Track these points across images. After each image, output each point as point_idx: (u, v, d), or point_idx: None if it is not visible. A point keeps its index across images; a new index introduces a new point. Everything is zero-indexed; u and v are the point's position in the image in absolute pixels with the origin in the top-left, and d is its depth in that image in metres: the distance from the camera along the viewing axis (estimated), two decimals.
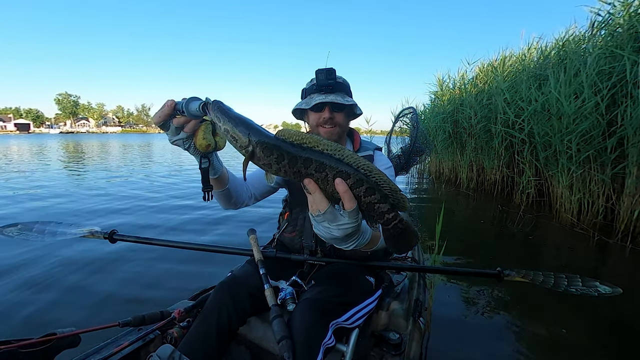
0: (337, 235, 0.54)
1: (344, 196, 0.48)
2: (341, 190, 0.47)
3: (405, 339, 1.09)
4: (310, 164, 0.48)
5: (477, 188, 5.91)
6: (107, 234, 1.21)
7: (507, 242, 3.39)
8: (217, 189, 0.98)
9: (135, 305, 1.92)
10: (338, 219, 0.52)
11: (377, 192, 0.48)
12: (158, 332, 1.06)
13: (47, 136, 50.01)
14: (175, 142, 0.75)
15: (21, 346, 0.77)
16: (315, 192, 0.50)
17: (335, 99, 1.03)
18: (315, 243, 1.16)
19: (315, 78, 1.06)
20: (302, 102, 1.11)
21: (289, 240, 1.23)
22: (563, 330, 1.77)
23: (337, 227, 0.53)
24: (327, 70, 1.02)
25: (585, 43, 3.98)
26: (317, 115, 1.08)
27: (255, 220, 3.71)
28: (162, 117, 0.69)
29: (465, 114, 5.75)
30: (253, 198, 1.17)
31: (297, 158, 0.48)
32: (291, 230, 1.22)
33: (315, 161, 0.47)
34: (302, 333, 0.82)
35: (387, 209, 0.50)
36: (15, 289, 2.08)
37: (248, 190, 1.13)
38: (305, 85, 1.14)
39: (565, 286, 0.96)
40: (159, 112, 0.69)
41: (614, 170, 3.28)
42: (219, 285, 1.00)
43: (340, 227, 0.53)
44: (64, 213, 4.00)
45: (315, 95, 1.06)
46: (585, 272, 2.57)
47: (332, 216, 0.52)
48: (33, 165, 9.23)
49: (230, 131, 0.52)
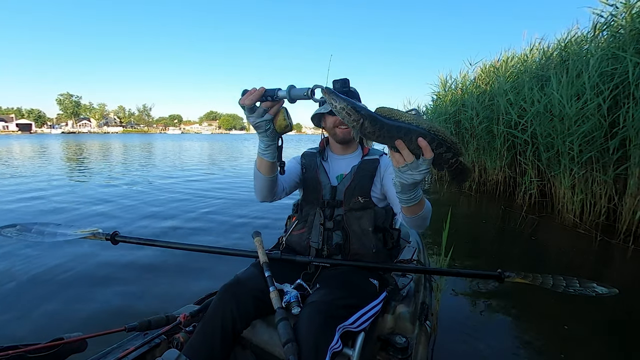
0: (418, 178, 0.72)
1: (425, 149, 0.65)
2: (423, 145, 0.65)
3: (411, 343, 1.08)
4: (400, 130, 0.66)
5: (480, 188, 5.91)
6: (109, 235, 1.21)
7: (510, 243, 3.38)
8: (268, 175, 1.04)
9: (140, 308, 1.93)
10: (419, 167, 0.69)
11: (444, 145, 0.68)
12: (164, 337, 1.06)
13: (48, 136, 50.13)
14: (259, 123, 0.89)
15: (29, 351, 0.77)
16: (404, 149, 0.67)
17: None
18: (322, 241, 1.18)
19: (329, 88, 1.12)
20: (321, 107, 1.19)
21: (296, 239, 1.24)
22: (567, 330, 1.77)
23: (418, 172, 0.70)
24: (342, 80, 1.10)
25: (588, 44, 3.97)
26: (334, 118, 1.18)
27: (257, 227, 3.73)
28: (254, 99, 0.84)
29: (468, 114, 5.75)
30: (284, 192, 1.21)
31: (391, 127, 0.66)
32: (301, 227, 1.24)
33: (403, 128, 0.66)
34: (309, 337, 0.82)
35: (451, 156, 0.70)
36: (19, 293, 2.09)
37: (281, 183, 1.18)
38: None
39: (564, 287, 0.99)
40: (251, 96, 0.84)
41: (617, 171, 3.27)
42: (223, 288, 1.00)
43: (420, 171, 0.70)
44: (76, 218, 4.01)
45: None
46: (587, 272, 2.60)
47: (415, 164, 0.69)
48: (40, 165, 9.25)
49: (346, 108, 0.67)
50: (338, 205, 1.19)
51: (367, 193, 1.18)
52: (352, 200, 1.17)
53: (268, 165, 1.01)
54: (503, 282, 1.04)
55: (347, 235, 1.17)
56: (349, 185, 1.18)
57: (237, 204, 4.65)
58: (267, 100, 0.86)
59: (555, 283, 1.00)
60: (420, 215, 0.87)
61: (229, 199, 5.00)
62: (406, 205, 0.82)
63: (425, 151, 0.66)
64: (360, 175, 1.18)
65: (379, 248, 1.17)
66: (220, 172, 8.49)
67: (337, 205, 1.19)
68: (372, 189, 1.18)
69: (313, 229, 1.20)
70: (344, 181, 1.20)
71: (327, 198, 1.20)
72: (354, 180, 1.18)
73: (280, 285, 1.03)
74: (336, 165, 1.27)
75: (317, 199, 1.21)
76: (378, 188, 1.19)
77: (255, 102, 0.85)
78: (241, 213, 4.12)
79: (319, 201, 1.20)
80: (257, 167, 1.04)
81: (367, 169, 1.19)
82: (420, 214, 0.87)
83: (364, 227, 1.17)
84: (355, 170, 1.20)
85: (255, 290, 0.99)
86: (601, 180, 3.44)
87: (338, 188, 1.19)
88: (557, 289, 0.99)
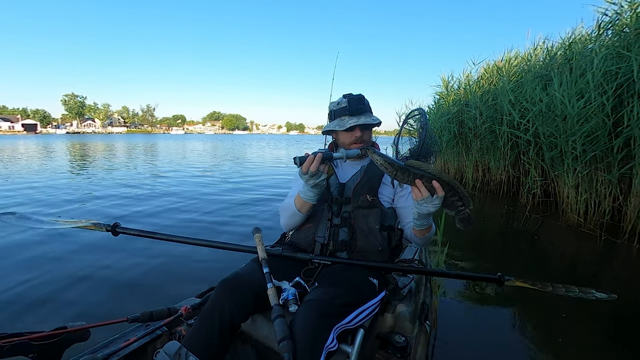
0: (432, 210, 0.94)
1: (438, 189, 0.89)
2: (436, 186, 0.89)
3: (410, 342, 1.09)
4: (423, 176, 0.90)
5: (483, 188, 5.89)
6: (109, 226, 1.22)
7: (513, 242, 3.37)
8: (304, 212, 1.16)
9: (142, 299, 1.95)
10: (433, 201, 0.91)
11: (457, 195, 0.92)
12: (165, 329, 1.08)
13: (54, 136, 50.55)
14: (319, 182, 1.06)
15: (33, 339, 0.78)
16: (422, 187, 0.90)
17: (365, 120, 1.20)
18: (328, 237, 1.19)
19: (342, 101, 1.24)
20: (335, 123, 1.24)
21: (302, 234, 1.24)
22: (567, 331, 1.76)
23: (432, 205, 0.92)
24: (358, 98, 1.22)
25: (592, 43, 3.95)
26: (349, 135, 1.23)
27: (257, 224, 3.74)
28: (317, 165, 1.00)
29: (471, 114, 5.73)
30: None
31: (415, 174, 0.90)
32: (307, 222, 1.25)
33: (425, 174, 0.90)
34: (304, 335, 0.82)
35: (460, 204, 0.93)
36: (21, 283, 2.12)
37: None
38: (332, 107, 1.28)
39: (564, 292, 1.02)
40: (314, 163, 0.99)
41: (621, 170, 3.25)
42: (221, 282, 1.00)
43: (434, 205, 0.92)
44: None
45: (347, 118, 1.22)
46: (591, 271, 2.58)
47: (430, 199, 0.91)
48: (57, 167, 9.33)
49: (384, 164, 0.92)
50: (346, 203, 1.20)
51: (375, 192, 1.20)
52: (360, 197, 1.19)
53: (310, 206, 1.15)
54: (503, 286, 1.05)
55: (353, 232, 1.18)
56: (359, 182, 1.20)
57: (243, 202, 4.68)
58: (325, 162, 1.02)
59: (555, 288, 1.03)
60: (427, 237, 1.10)
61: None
62: (419, 229, 1.04)
63: (437, 190, 0.89)
64: (370, 175, 1.21)
65: (384, 246, 1.18)
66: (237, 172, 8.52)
67: (345, 202, 1.20)
68: (379, 189, 1.21)
69: (320, 224, 1.21)
70: (353, 178, 1.22)
71: (335, 195, 1.21)
72: (363, 178, 1.20)
73: (278, 282, 1.02)
74: (346, 168, 1.28)
75: (325, 195, 1.22)
76: (385, 190, 1.22)
77: (318, 167, 1.00)
78: (243, 209, 4.15)
79: (326, 197, 1.22)
80: (297, 208, 1.16)
81: (377, 169, 1.19)
82: (427, 236, 1.10)
83: (370, 225, 1.18)
84: (365, 169, 1.22)
85: (255, 286, 0.99)
86: (605, 179, 3.41)
87: (347, 185, 1.21)
88: (557, 292, 1.01)
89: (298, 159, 1.01)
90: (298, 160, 1.01)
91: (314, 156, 1.00)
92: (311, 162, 0.99)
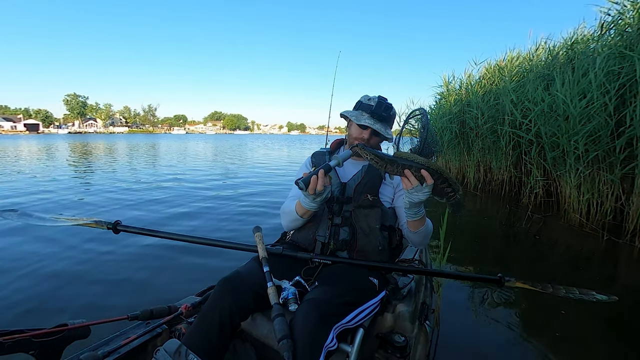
0: (422, 198, 0.94)
1: (426, 177, 0.91)
2: (425, 174, 0.90)
3: (410, 342, 1.08)
4: (412, 166, 0.92)
5: (485, 188, 5.88)
6: (110, 224, 1.22)
7: (515, 241, 3.36)
8: (305, 217, 1.16)
9: (142, 297, 1.95)
10: (422, 190, 0.93)
11: (446, 182, 0.94)
12: (165, 327, 1.08)
13: (56, 136, 50.75)
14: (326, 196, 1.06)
15: (34, 335, 0.79)
16: (411, 176, 0.91)
17: (379, 128, 1.21)
18: (328, 236, 1.18)
19: (374, 98, 1.24)
20: (354, 113, 1.24)
21: (303, 233, 1.24)
22: (568, 331, 1.75)
23: (422, 193, 0.93)
24: (386, 106, 1.22)
25: (594, 43, 3.93)
26: (358, 131, 1.23)
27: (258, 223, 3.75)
28: (323, 182, 0.99)
29: (472, 114, 5.72)
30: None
31: (404, 165, 0.92)
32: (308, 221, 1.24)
33: (413, 165, 0.92)
34: (304, 334, 0.82)
35: (450, 190, 0.95)
36: (21, 279, 2.13)
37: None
38: (363, 99, 1.27)
39: (564, 293, 1.01)
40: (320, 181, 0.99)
41: (624, 170, 3.23)
42: (221, 280, 1.00)
43: (424, 193, 0.93)
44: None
45: (367, 115, 1.22)
46: (593, 271, 2.57)
47: (420, 188, 0.92)
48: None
49: (374, 157, 0.93)
50: (347, 202, 1.20)
51: (376, 192, 1.20)
52: (361, 197, 1.19)
53: (313, 213, 1.14)
54: (503, 286, 1.05)
55: (354, 231, 1.18)
56: (360, 182, 1.20)
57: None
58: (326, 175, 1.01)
59: (555, 290, 1.03)
60: (421, 230, 1.09)
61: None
62: (411, 219, 1.05)
63: (427, 179, 0.91)
64: (371, 174, 1.21)
65: (384, 246, 1.18)
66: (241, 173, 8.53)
67: (346, 202, 1.20)
68: (380, 189, 1.21)
69: (321, 223, 1.21)
70: (355, 178, 1.22)
71: (336, 194, 1.21)
72: (365, 178, 1.20)
73: (278, 281, 1.02)
74: (347, 167, 1.28)
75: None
76: (386, 190, 1.22)
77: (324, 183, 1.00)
78: (244, 206, 4.15)
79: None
80: (299, 215, 1.15)
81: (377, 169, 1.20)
82: (421, 230, 1.09)
83: (371, 225, 1.18)
84: (366, 169, 1.22)
85: (255, 285, 0.99)
86: (608, 179, 3.40)
87: (348, 184, 1.21)
88: (557, 293, 1.01)
89: (302, 182, 0.99)
90: (302, 184, 0.99)
91: (316, 176, 0.99)
92: (316, 182, 0.98)
